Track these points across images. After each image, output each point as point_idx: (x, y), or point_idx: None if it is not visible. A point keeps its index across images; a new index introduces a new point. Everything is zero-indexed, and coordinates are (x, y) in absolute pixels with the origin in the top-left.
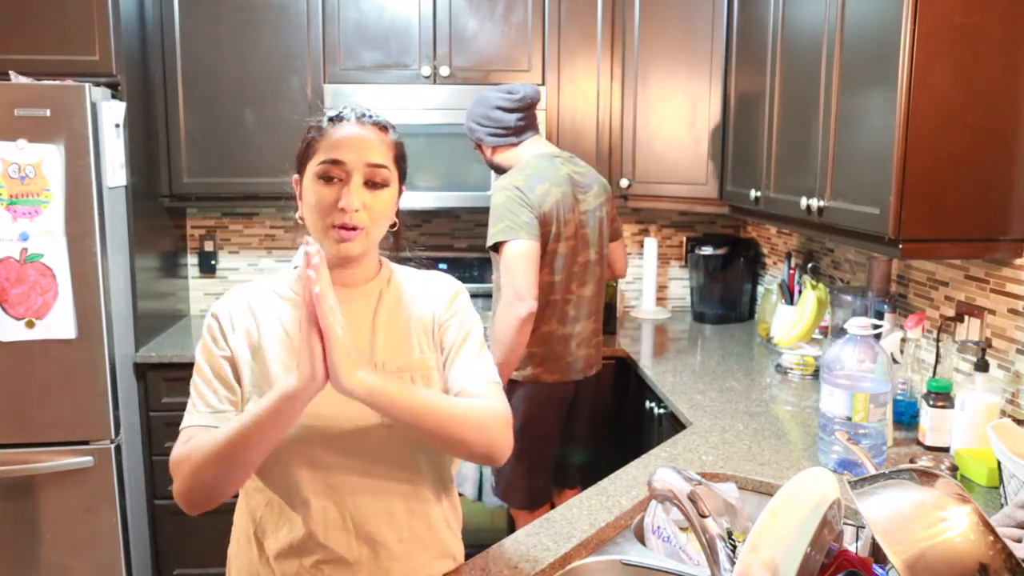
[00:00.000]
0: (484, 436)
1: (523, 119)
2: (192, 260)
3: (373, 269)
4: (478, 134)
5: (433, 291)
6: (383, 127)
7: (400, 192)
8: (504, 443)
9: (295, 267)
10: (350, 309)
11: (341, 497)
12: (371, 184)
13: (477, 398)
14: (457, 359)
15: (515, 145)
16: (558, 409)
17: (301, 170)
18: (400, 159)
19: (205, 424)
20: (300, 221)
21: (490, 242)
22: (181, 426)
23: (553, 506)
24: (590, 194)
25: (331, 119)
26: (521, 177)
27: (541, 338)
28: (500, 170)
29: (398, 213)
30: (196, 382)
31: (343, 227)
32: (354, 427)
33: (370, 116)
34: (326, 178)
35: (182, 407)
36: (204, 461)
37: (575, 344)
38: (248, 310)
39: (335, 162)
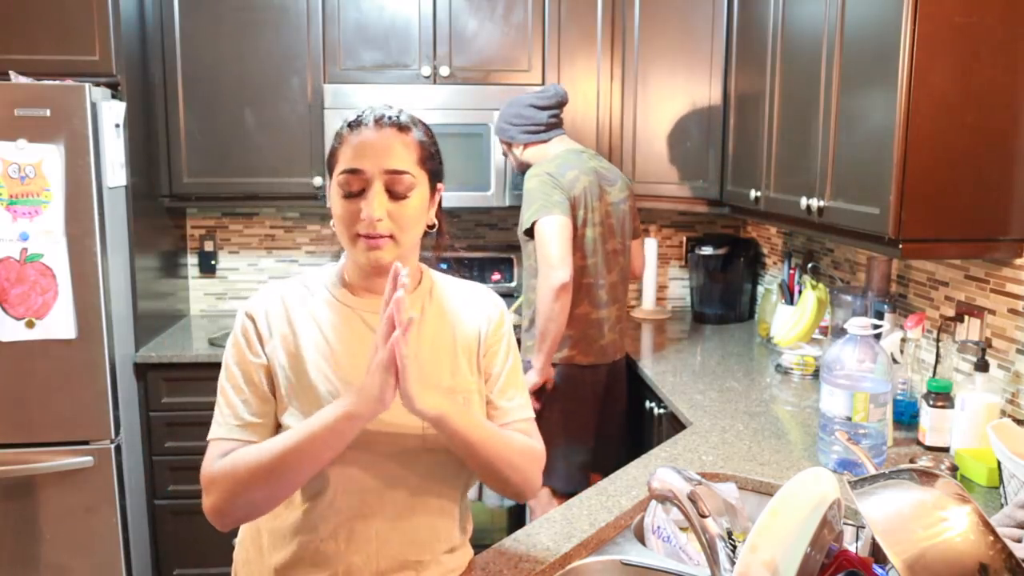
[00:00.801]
0: (522, 477)
1: (554, 117)
2: (192, 260)
3: (412, 278)
4: (510, 133)
5: (478, 309)
6: (404, 127)
7: (436, 191)
8: (536, 484)
9: (338, 265)
10: None
11: (368, 511)
12: (393, 192)
13: (519, 434)
14: (506, 390)
15: (545, 142)
16: (593, 392)
17: (330, 178)
18: (426, 159)
19: (237, 438)
20: (332, 229)
21: (526, 224)
22: (209, 436)
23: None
24: (615, 188)
25: (350, 124)
26: (552, 165)
27: (576, 320)
28: (527, 169)
29: (439, 213)
30: (225, 388)
31: (368, 236)
32: (388, 439)
33: (389, 117)
34: (347, 188)
35: (182, 407)
36: (251, 477)
37: (607, 328)
38: (284, 312)
39: (353, 171)
